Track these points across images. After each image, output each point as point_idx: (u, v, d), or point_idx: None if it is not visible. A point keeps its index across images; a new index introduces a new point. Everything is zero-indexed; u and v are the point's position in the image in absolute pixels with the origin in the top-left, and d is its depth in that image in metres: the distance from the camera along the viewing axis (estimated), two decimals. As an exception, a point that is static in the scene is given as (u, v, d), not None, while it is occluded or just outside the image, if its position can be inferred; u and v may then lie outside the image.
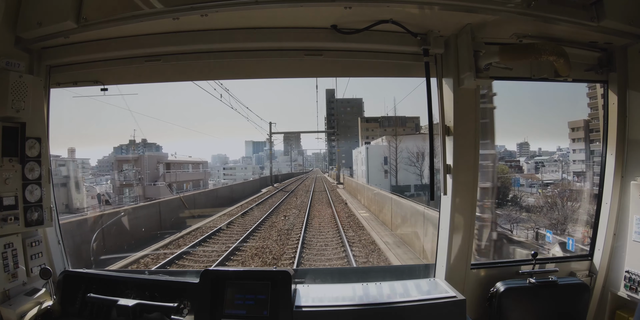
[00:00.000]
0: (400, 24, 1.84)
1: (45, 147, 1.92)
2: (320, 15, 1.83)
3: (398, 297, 1.82)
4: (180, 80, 2.38)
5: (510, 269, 2.21)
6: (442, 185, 2.08)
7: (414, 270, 2.57)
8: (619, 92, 2.10)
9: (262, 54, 2.06)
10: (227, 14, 1.71)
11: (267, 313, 1.64)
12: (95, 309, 1.77)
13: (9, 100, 1.70)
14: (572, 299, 2.09)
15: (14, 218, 1.75)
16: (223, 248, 9.56)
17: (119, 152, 39.96)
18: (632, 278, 2.04)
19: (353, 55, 2.06)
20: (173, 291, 1.78)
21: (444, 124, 2.05)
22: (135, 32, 1.93)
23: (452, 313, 1.71)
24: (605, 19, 1.71)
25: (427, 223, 8.63)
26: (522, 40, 1.92)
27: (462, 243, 2.09)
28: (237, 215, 14.35)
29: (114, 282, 1.86)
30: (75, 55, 2.02)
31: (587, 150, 26.34)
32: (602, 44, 2.03)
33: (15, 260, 1.78)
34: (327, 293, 1.87)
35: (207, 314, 1.65)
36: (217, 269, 1.79)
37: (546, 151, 47.15)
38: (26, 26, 1.78)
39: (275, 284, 1.69)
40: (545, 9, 1.68)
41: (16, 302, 1.73)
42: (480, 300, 2.12)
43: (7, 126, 1.74)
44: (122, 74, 2.24)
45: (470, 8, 1.67)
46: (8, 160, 1.74)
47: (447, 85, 2.03)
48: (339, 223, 12.44)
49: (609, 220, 2.20)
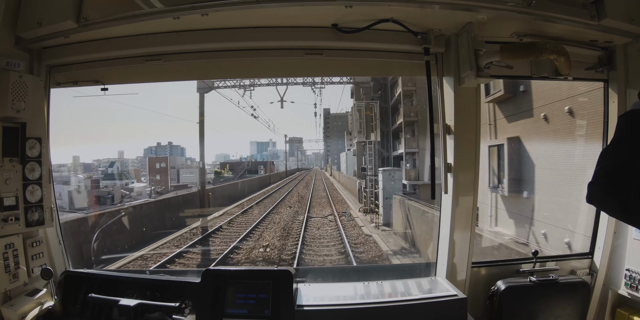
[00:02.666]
0: (400, 23, 1.83)
1: (46, 147, 1.91)
2: (321, 15, 1.83)
3: (399, 295, 1.82)
4: (180, 79, 2.38)
5: (510, 268, 2.22)
6: (442, 184, 2.09)
7: (415, 269, 2.58)
8: (619, 90, 2.10)
9: (262, 53, 2.05)
10: (228, 14, 1.71)
11: (268, 312, 1.64)
12: (96, 309, 1.77)
13: (9, 100, 1.69)
14: (573, 297, 2.09)
15: (15, 218, 1.75)
16: (279, 196, 21.73)
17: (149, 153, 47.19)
18: (632, 276, 2.04)
19: (354, 54, 2.06)
20: (174, 291, 1.78)
21: (445, 123, 2.05)
22: (136, 32, 1.92)
23: (453, 311, 1.71)
24: (606, 17, 1.71)
25: (350, 181, 26.12)
26: (523, 39, 1.92)
27: (462, 242, 2.09)
28: (282, 182, 34.28)
29: (115, 282, 1.86)
30: (76, 55, 2.01)
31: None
32: (602, 42, 2.03)
33: (16, 260, 1.78)
34: (329, 292, 1.87)
35: (208, 314, 1.65)
36: (219, 268, 1.79)
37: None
38: (26, 26, 1.77)
39: (276, 283, 1.69)
40: (545, 8, 1.68)
41: (17, 302, 1.73)
42: (481, 299, 2.12)
43: (7, 126, 1.73)
44: (123, 74, 2.23)
45: (471, 7, 1.67)
46: (9, 161, 1.74)
47: (447, 84, 2.03)
48: (325, 183, 34.17)
49: (609, 218, 2.21)
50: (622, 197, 1.01)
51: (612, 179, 1.05)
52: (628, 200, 0.99)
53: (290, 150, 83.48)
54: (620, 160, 1.08)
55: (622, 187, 1.02)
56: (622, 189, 1.02)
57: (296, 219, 14.44)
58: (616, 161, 1.08)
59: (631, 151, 1.09)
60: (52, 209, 1.95)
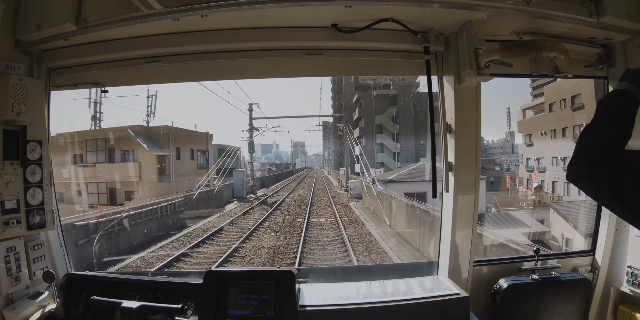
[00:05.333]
0: (400, 22, 1.83)
1: (47, 150, 1.91)
2: (321, 15, 1.82)
3: (402, 294, 1.82)
4: (180, 81, 2.37)
5: (512, 266, 2.22)
6: (443, 182, 2.09)
7: (417, 268, 2.57)
8: None
9: (262, 53, 2.05)
10: (227, 15, 1.70)
11: (271, 313, 1.64)
12: (99, 312, 1.76)
13: (9, 103, 1.69)
14: (575, 295, 2.10)
15: (16, 221, 1.75)
16: (301, 178, 45.47)
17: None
18: (634, 273, 2.04)
19: (354, 53, 2.05)
20: (177, 292, 1.78)
21: (445, 122, 2.05)
22: (135, 34, 1.92)
23: (455, 310, 1.71)
24: (605, 14, 1.70)
25: (335, 173, 40.47)
26: (522, 37, 1.92)
27: (464, 240, 2.09)
28: (296, 176, 52.53)
29: (117, 284, 1.86)
30: (75, 58, 2.01)
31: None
32: (601, 40, 2.03)
33: (18, 263, 1.78)
34: (331, 292, 1.87)
35: (211, 315, 1.65)
36: (221, 269, 1.79)
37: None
38: (25, 29, 1.77)
39: (279, 283, 1.69)
40: (544, 6, 1.68)
41: (19, 305, 1.73)
42: (483, 297, 2.12)
43: (7, 129, 1.73)
44: (123, 76, 2.23)
45: (470, 5, 1.66)
46: (9, 164, 1.73)
47: (447, 82, 2.03)
48: (324, 178, 45.39)
49: (610, 215, 2.21)
50: (613, 187, 0.98)
51: (596, 160, 1.03)
52: (622, 193, 0.97)
53: (294, 152, 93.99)
54: (603, 139, 1.07)
55: (610, 171, 1.00)
56: (610, 175, 0.99)
57: (310, 184, 34.60)
58: (599, 141, 1.07)
59: (613, 130, 1.08)
60: (53, 211, 1.94)
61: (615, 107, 1.14)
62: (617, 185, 0.98)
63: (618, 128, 1.09)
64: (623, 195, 0.97)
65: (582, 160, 1.08)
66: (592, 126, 1.13)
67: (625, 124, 1.10)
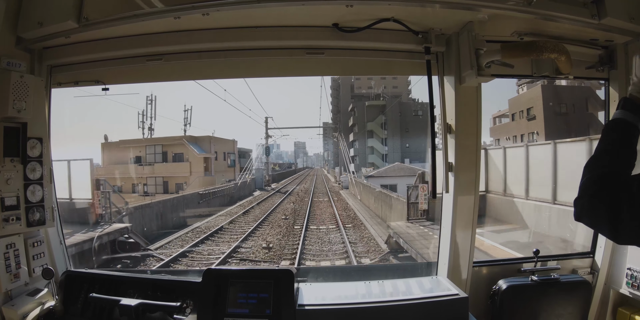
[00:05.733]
0: (401, 22, 1.83)
1: (47, 147, 1.91)
2: (322, 14, 1.82)
3: (401, 295, 1.82)
4: (181, 79, 2.38)
5: (512, 267, 2.22)
6: (443, 183, 2.08)
7: (417, 269, 2.58)
8: (620, 89, 2.10)
9: (263, 52, 2.05)
10: (229, 13, 1.70)
11: (269, 311, 1.64)
12: (97, 309, 1.76)
13: (10, 100, 1.69)
14: (574, 297, 2.09)
15: (16, 218, 1.75)
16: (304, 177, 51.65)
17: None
18: (633, 275, 2.04)
19: (354, 53, 2.05)
20: (175, 290, 1.78)
21: (446, 122, 2.05)
22: (137, 32, 1.92)
23: (454, 310, 1.71)
24: (607, 16, 1.70)
25: (332, 171, 48.54)
26: (523, 37, 1.92)
27: (464, 241, 2.09)
28: (299, 174, 58.31)
29: (116, 281, 1.86)
30: (77, 55, 2.01)
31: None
32: (603, 41, 2.02)
33: (17, 260, 1.78)
34: (330, 291, 1.87)
35: (209, 313, 1.65)
36: (220, 268, 1.79)
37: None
38: (27, 26, 1.77)
39: (278, 282, 1.69)
40: (546, 7, 1.68)
41: (18, 302, 1.73)
42: (482, 298, 2.12)
43: (8, 126, 1.73)
44: (124, 74, 2.24)
45: (472, 6, 1.66)
46: (10, 161, 1.74)
47: (448, 83, 2.03)
48: (323, 176, 51.81)
49: None
50: (612, 212, 0.96)
51: (599, 190, 1.01)
52: (619, 218, 0.95)
53: (295, 152, 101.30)
54: (606, 170, 1.05)
55: (612, 199, 0.98)
56: (611, 202, 0.97)
57: (311, 180, 40.29)
58: (604, 171, 1.05)
59: (614, 161, 1.07)
60: (53, 208, 1.95)
61: (618, 137, 1.12)
62: (617, 208, 0.96)
63: (619, 159, 1.07)
64: (619, 218, 0.96)
65: (585, 196, 1.05)
66: (592, 159, 1.11)
67: (625, 153, 1.08)
